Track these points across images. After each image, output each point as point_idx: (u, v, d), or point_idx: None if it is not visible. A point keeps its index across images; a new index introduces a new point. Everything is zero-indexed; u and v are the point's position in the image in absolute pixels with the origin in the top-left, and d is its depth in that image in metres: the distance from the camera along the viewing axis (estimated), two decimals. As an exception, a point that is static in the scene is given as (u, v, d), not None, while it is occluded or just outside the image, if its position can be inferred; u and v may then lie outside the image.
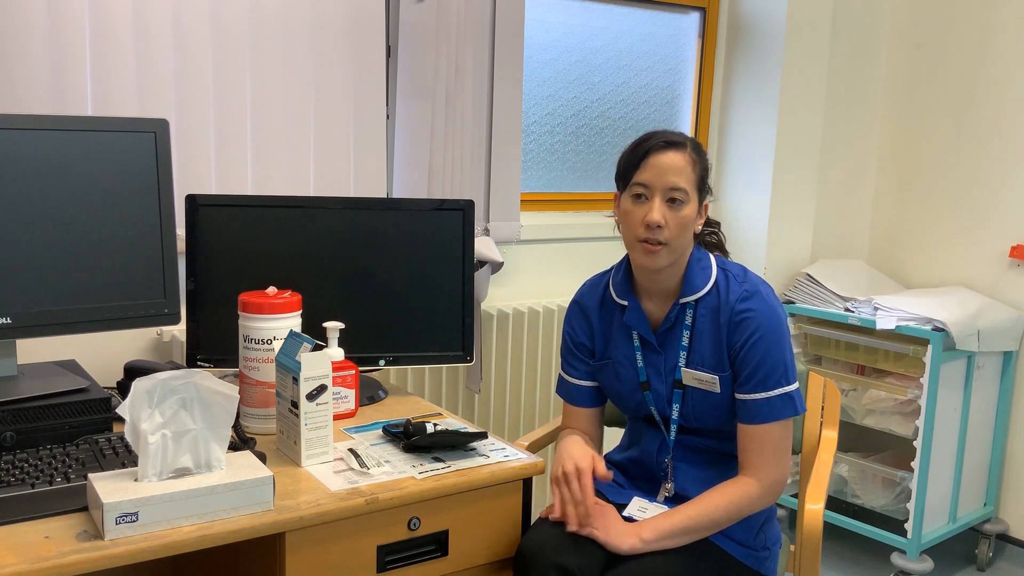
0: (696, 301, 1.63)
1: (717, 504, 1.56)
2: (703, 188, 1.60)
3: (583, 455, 1.54)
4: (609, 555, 1.56)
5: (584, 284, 1.78)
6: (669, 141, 1.56)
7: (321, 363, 1.48)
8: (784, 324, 1.60)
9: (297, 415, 1.48)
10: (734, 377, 1.61)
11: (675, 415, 1.66)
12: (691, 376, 1.63)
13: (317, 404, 1.48)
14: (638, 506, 1.65)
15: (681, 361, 1.64)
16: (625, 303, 1.68)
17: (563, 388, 1.79)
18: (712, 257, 1.67)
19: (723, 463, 1.68)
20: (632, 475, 1.77)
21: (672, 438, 1.68)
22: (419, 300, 1.91)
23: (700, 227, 1.63)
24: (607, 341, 1.72)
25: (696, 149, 1.59)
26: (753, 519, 1.65)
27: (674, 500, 1.67)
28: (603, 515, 1.55)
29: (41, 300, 1.57)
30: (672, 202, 1.55)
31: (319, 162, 2.23)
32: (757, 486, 1.58)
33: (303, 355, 1.46)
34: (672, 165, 1.54)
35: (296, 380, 1.47)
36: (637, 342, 1.68)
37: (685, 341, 1.63)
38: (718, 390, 1.61)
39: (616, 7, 2.96)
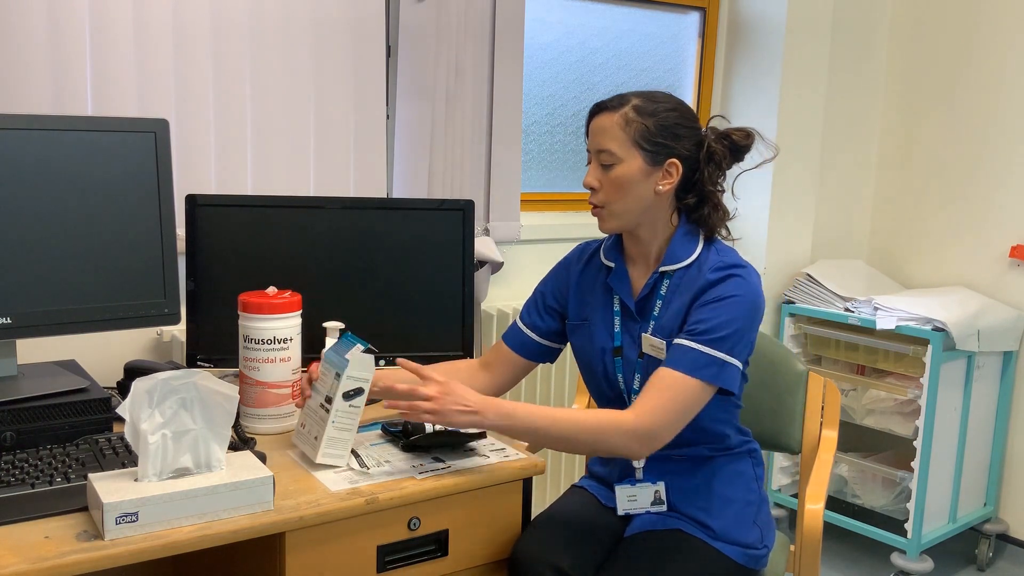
0: (675, 271, 1.59)
1: (581, 422, 1.46)
2: (652, 147, 1.53)
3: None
4: (603, 555, 1.56)
5: (580, 244, 1.76)
6: (600, 104, 1.57)
7: (367, 366, 1.48)
8: (756, 308, 1.53)
9: (328, 411, 1.48)
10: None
11: (636, 385, 1.62)
12: (648, 343, 1.59)
13: (351, 405, 1.48)
14: (627, 495, 1.63)
15: (648, 330, 1.61)
16: (612, 264, 1.66)
17: (509, 329, 1.77)
18: (703, 236, 1.61)
19: (684, 445, 1.62)
20: (611, 464, 1.74)
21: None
22: (419, 300, 1.91)
23: (665, 187, 1.55)
24: (583, 302, 1.69)
25: (639, 108, 1.53)
26: (747, 517, 1.64)
27: (648, 471, 1.64)
28: (439, 385, 1.45)
29: (41, 300, 1.57)
30: (604, 165, 1.55)
31: (319, 162, 2.23)
32: (632, 422, 1.45)
33: (353, 353, 1.46)
34: (597, 127, 1.56)
35: (339, 376, 1.47)
36: (617, 307, 1.65)
37: (656, 311, 1.60)
38: (664, 357, 1.55)
39: (616, 7, 2.96)
